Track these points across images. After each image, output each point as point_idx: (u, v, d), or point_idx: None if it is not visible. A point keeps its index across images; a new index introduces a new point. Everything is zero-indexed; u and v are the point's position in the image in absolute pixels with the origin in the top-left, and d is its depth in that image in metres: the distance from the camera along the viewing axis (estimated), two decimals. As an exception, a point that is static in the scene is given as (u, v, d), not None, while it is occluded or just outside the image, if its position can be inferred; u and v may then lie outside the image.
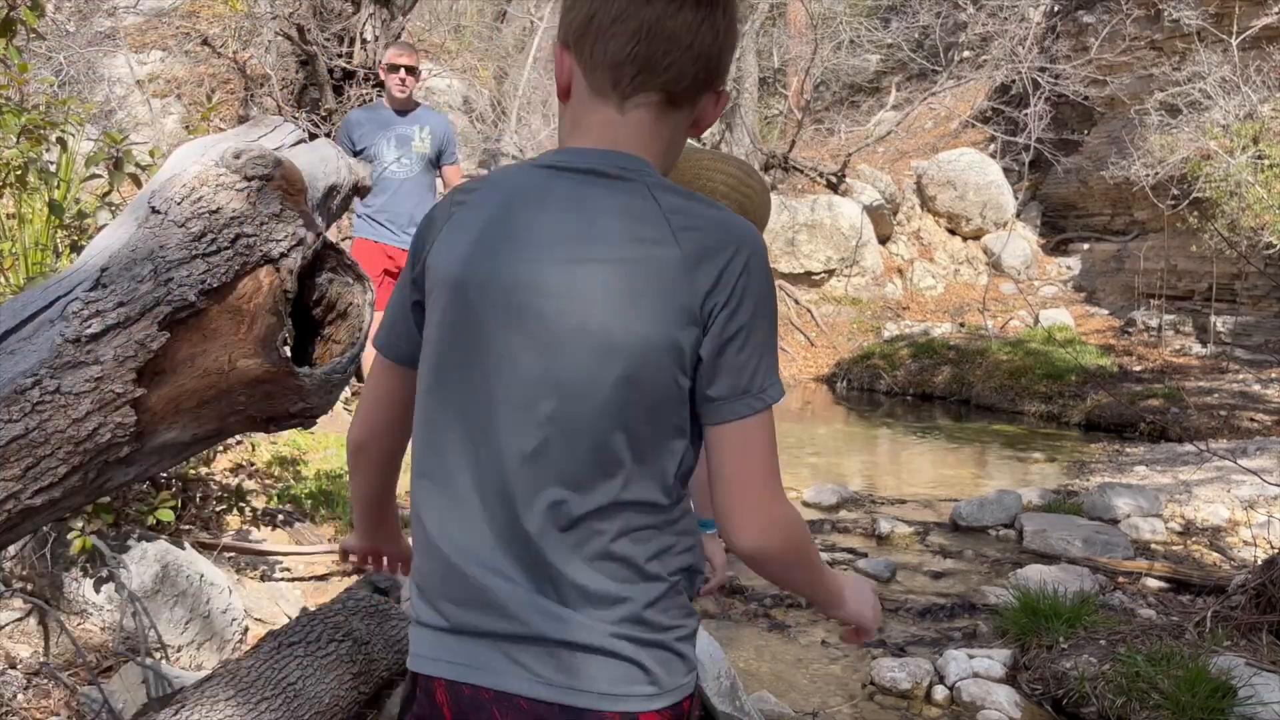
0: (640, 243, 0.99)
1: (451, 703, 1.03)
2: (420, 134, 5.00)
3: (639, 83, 1.03)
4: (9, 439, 1.42)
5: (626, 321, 0.98)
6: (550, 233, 1.02)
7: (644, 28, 1.01)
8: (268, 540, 3.36)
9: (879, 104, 16.07)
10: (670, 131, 1.07)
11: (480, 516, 1.03)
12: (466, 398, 1.04)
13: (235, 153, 1.59)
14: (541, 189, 1.04)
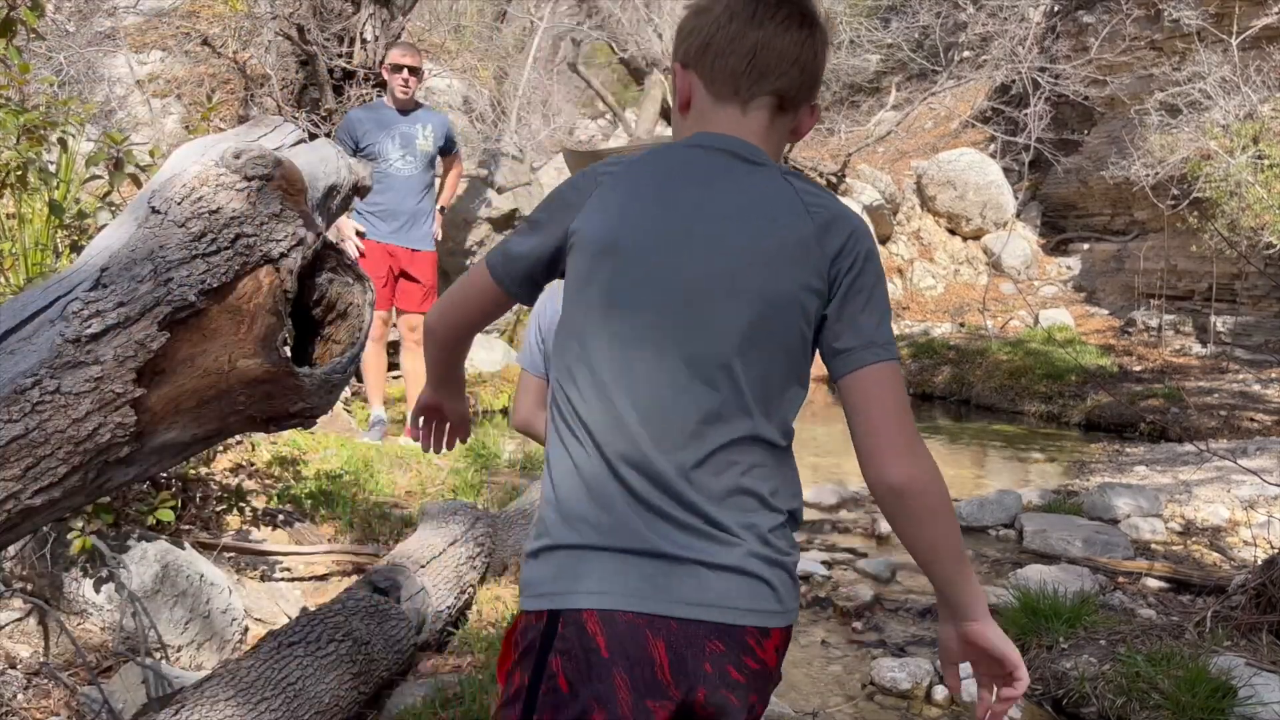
0: (780, 215, 1.17)
1: (606, 631, 1.09)
2: (424, 133, 5.02)
3: (756, 89, 1.22)
4: (9, 439, 1.42)
5: (769, 277, 1.15)
6: (704, 199, 1.18)
7: (758, 45, 1.21)
8: (268, 540, 3.36)
9: (879, 104, 16.07)
10: (778, 134, 1.26)
11: (629, 451, 1.13)
12: (623, 340, 1.15)
13: (235, 153, 1.59)
14: (689, 163, 1.21)
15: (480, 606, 3.14)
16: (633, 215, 1.18)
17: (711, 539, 1.11)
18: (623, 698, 1.08)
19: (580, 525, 1.13)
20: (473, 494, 4.20)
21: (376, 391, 5.21)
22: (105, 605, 2.63)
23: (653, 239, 1.17)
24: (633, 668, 1.08)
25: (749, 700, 1.14)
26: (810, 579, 3.96)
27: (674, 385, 1.14)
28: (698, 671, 1.10)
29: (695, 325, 1.15)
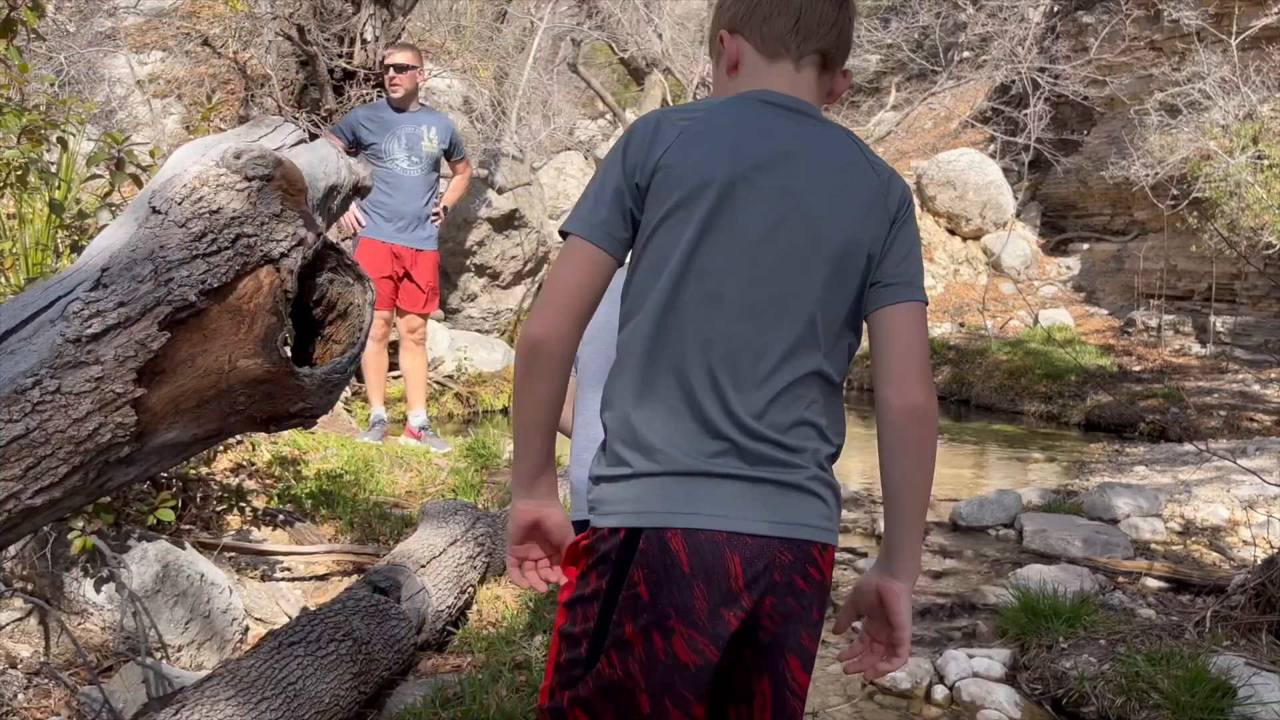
0: (854, 169, 1.28)
1: (688, 548, 1.19)
2: (429, 134, 5.03)
3: (805, 48, 1.31)
4: (9, 439, 1.43)
5: (852, 226, 1.26)
6: (791, 149, 1.26)
7: (803, 8, 1.30)
8: (268, 540, 3.36)
9: (879, 104, 16.07)
10: (822, 92, 1.35)
11: (710, 385, 1.21)
12: (715, 274, 1.22)
13: (236, 153, 1.59)
14: (765, 115, 1.28)
15: (480, 606, 3.14)
16: (727, 156, 1.24)
17: (781, 463, 1.22)
18: (700, 607, 1.19)
19: (659, 456, 1.21)
20: (473, 494, 4.20)
21: (377, 391, 5.21)
22: (106, 605, 2.63)
23: (748, 180, 1.23)
24: (710, 580, 1.19)
25: (811, 611, 1.26)
26: (810, 579, 3.97)
27: (759, 322, 1.23)
28: (769, 581, 1.21)
29: (785, 266, 1.23)
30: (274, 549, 3.30)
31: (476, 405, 7.23)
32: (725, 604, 1.19)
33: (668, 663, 1.20)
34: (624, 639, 1.21)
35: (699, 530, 1.19)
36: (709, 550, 1.19)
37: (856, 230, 1.26)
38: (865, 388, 10.08)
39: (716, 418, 1.21)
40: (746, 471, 1.21)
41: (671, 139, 1.24)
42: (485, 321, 8.53)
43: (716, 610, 1.19)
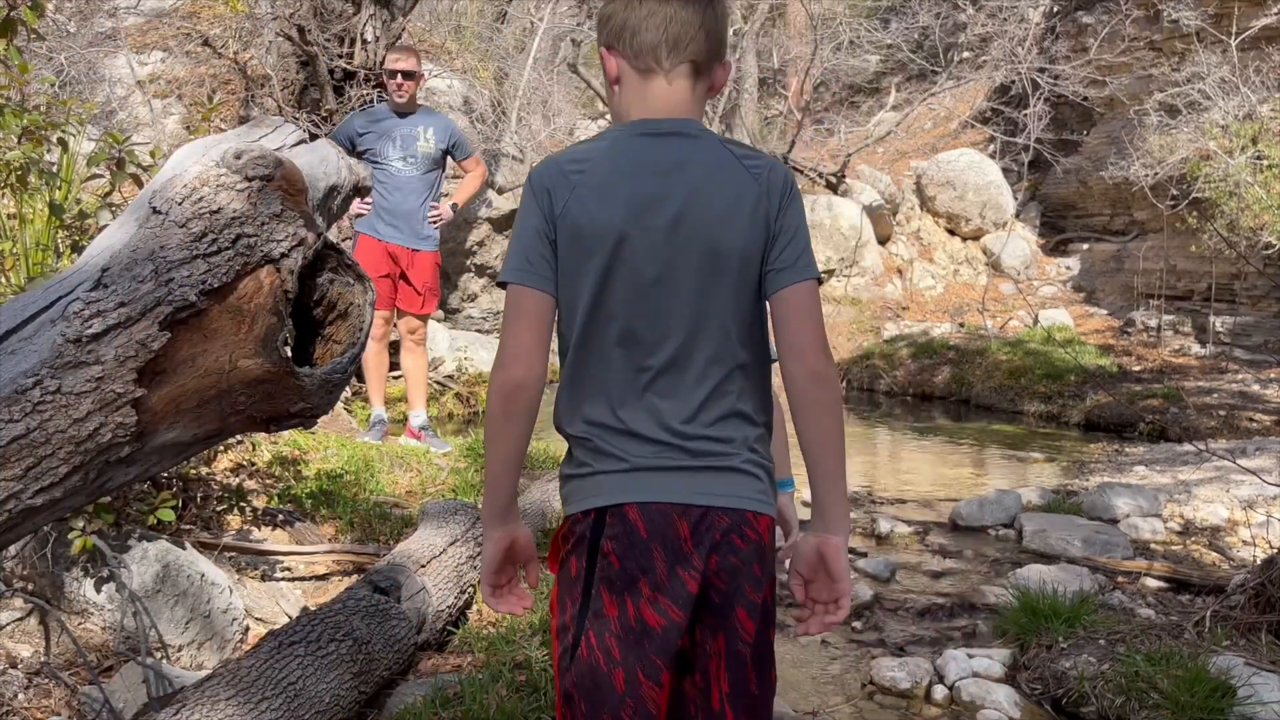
0: (732, 182, 1.41)
1: (644, 518, 1.39)
2: (425, 135, 5.02)
3: (674, 59, 1.42)
4: (10, 439, 1.43)
5: (740, 236, 1.40)
6: (673, 180, 1.40)
7: (667, 19, 1.40)
8: (268, 540, 3.36)
9: (879, 104, 16.07)
10: (700, 95, 1.46)
11: (652, 389, 1.41)
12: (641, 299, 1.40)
13: (236, 153, 1.59)
14: (649, 149, 1.42)
15: (480, 606, 3.14)
16: (619, 206, 1.39)
17: (717, 453, 1.41)
18: (660, 567, 1.38)
19: (612, 460, 1.41)
20: (473, 494, 4.20)
21: (377, 391, 5.21)
22: (106, 605, 2.63)
23: (639, 225, 1.39)
24: (665, 542, 1.38)
25: (752, 566, 1.42)
26: (810, 579, 3.97)
27: (674, 347, 1.40)
28: (712, 540, 1.39)
29: (691, 286, 1.40)
30: (274, 549, 3.30)
31: (477, 405, 7.23)
32: (680, 563, 1.38)
33: (638, 629, 1.38)
34: (602, 612, 1.39)
35: (651, 503, 1.39)
36: (660, 517, 1.39)
37: (745, 240, 1.41)
38: (865, 387, 10.08)
39: (656, 432, 1.41)
40: (688, 463, 1.40)
41: (568, 194, 1.40)
42: (485, 321, 8.54)
43: (674, 569, 1.38)
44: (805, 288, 1.41)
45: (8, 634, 2.56)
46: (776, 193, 1.42)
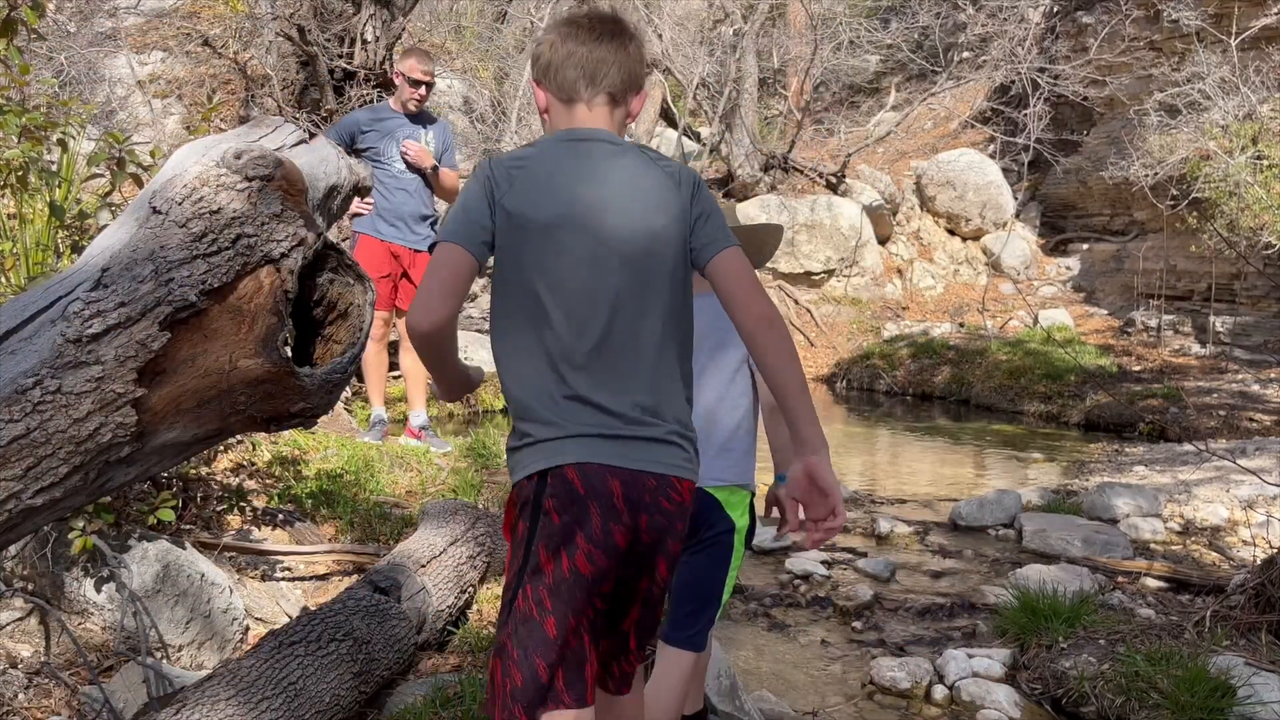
0: (650, 179, 1.63)
1: (581, 477, 1.55)
2: (426, 138, 5.02)
3: (592, 92, 1.67)
4: (10, 439, 1.43)
5: (662, 223, 1.61)
6: (600, 176, 1.61)
7: (584, 59, 1.65)
8: (268, 540, 3.36)
9: (879, 104, 16.07)
10: (619, 120, 1.70)
11: (597, 364, 1.57)
12: (571, 280, 1.57)
13: (236, 153, 1.59)
14: (578, 153, 1.63)
15: (481, 606, 3.14)
16: (565, 196, 1.59)
17: (649, 424, 1.58)
18: (596, 522, 1.55)
19: (552, 428, 1.57)
20: (473, 494, 4.20)
21: (377, 391, 5.21)
22: (106, 605, 2.63)
23: (588, 210, 1.59)
24: (599, 499, 1.54)
25: (675, 524, 1.61)
26: (810, 579, 3.96)
27: (609, 317, 1.58)
28: (640, 500, 1.57)
29: (618, 268, 1.59)
30: (274, 549, 3.30)
31: (477, 405, 7.23)
32: (613, 519, 1.55)
33: (571, 579, 1.55)
34: (539, 568, 1.56)
35: (587, 464, 1.55)
36: (596, 477, 1.55)
37: (670, 223, 1.62)
38: (865, 387, 10.08)
39: (590, 403, 1.57)
40: (621, 431, 1.57)
41: (508, 187, 1.60)
42: (486, 322, 8.53)
43: (608, 525, 1.55)
44: (732, 252, 1.64)
45: (8, 634, 2.56)
46: (688, 186, 1.66)
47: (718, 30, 15.34)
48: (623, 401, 1.57)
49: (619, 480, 1.55)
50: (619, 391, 1.57)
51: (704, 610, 2.15)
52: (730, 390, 2.21)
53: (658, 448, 1.58)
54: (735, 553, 2.18)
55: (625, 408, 1.57)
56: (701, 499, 2.03)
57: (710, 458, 2.05)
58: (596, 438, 1.55)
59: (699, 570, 2.16)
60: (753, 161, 13.02)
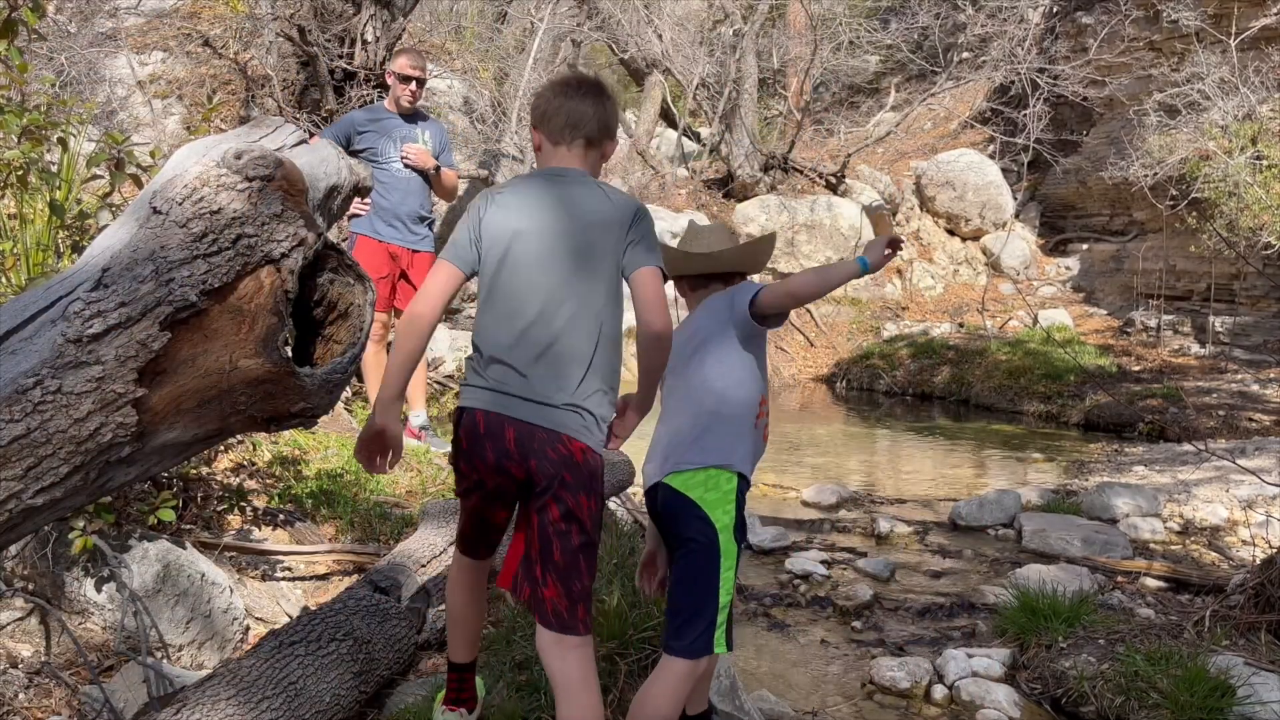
0: (600, 207, 2.09)
1: (484, 421, 2.02)
2: (423, 138, 5.02)
3: (573, 137, 2.15)
4: (11, 439, 1.43)
5: (605, 241, 2.07)
6: (562, 205, 2.08)
7: (570, 111, 2.14)
8: (269, 540, 3.36)
9: (878, 105, 16.08)
10: (593, 161, 2.19)
11: (523, 342, 2.02)
12: (517, 277, 2.05)
13: (236, 153, 1.59)
14: (549, 184, 2.13)
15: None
16: (525, 214, 2.08)
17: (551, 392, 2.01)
18: (489, 457, 2.03)
19: (479, 379, 2.06)
20: (473, 494, 4.20)
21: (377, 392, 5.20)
22: (106, 605, 2.63)
23: (540, 226, 2.06)
24: (495, 441, 2.02)
25: (562, 473, 2.00)
26: (810, 578, 3.97)
27: (555, 302, 2.03)
28: (530, 447, 2.00)
29: (559, 270, 2.04)
30: (275, 549, 3.30)
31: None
32: (504, 458, 2.02)
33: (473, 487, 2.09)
34: (460, 471, 2.11)
35: (491, 412, 2.03)
36: (496, 424, 2.02)
37: (611, 241, 2.06)
38: (864, 387, 10.08)
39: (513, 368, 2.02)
40: (527, 394, 2.01)
41: (489, 209, 2.11)
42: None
43: (499, 459, 2.02)
44: (650, 271, 2.06)
45: (8, 634, 2.56)
46: (630, 213, 2.09)
47: (718, 30, 15.35)
48: (536, 371, 2.01)
49: (514, 429, 2.01)
50: (534, 364, 2.01)
51: (696, 618, 2.13)
52: (712, 384, 2.25)
53: (553, 411, 2.01)
54: (725, 553, 2.14)
55: (536, 377, 2.01)
56: (676, 501, 2.17)
57: (680, 453, 2.19)
58: (506, 395, 2.01)
59: (686, 577, 2.15)
60: (752, 162, 13.03)
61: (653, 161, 13.72)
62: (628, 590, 2.86)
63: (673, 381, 2.31)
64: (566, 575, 2.01)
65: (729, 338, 2.25)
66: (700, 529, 2.15)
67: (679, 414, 2.26)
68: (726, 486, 2.17)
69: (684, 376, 2.29)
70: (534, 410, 2.00)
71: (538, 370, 2.01)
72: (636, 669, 2.53)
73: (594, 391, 2.04)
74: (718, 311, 2.30)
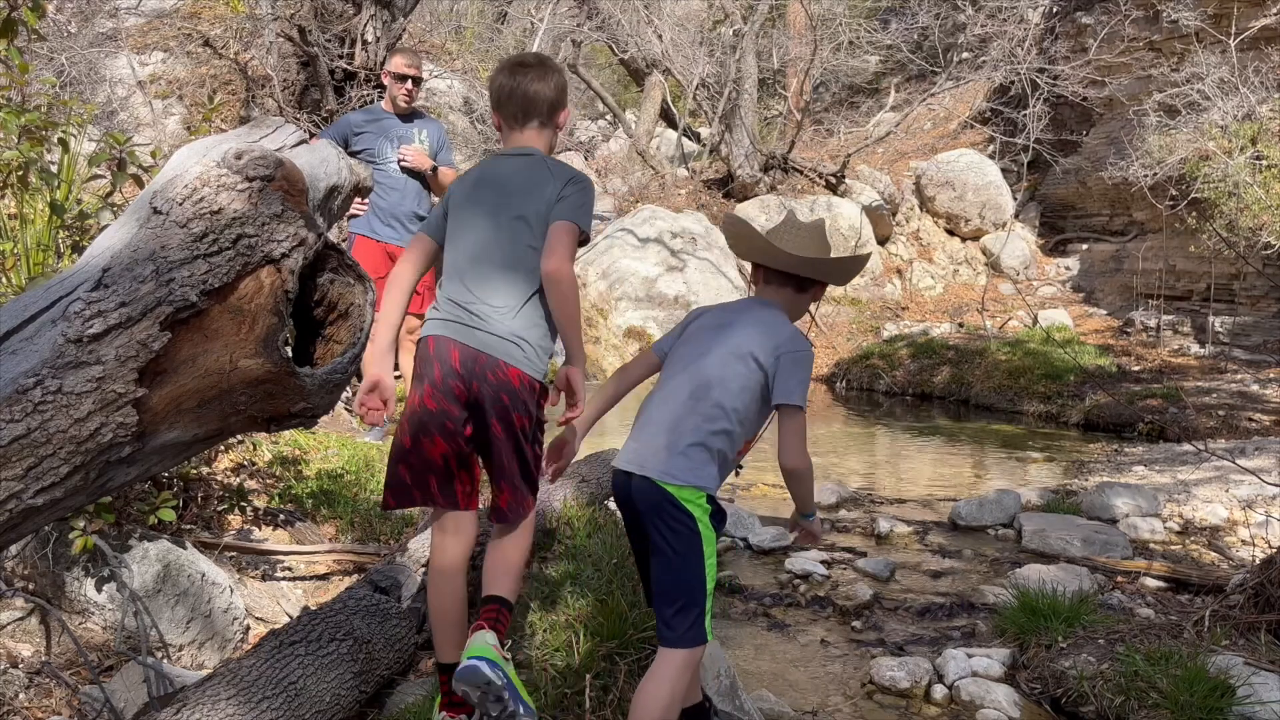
0: (541, 175, 2.40)
1: (434, 345, 2.33)
2: (420, 137, 5.03)
3: (524, 118, 2.48)
4: (11, 439, 1.43)
5: (540, 200, 2.37)
6: (510, 175, 2.43)
7: (519, 94, 2.46)
8: (269, 540, 3.37)
9: (878, 105, 16.09)
10: (547, 138, 2.51)
11: (476, 275, 2.35)
12: (473, 238, 2.39)
13: (237, 154, 1.59)
14: (503, 160, 2.48)
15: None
16: (480, 184, 2.45)
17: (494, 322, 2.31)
18: (437, 375, 2.31)
19: (435, 311, 2.36)
20: (473, 494, 4.20)
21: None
22: (107, 604, 2.63)
23: (488, 194, 2.42)
24: (442, 362, 2.31)
25: (500, 395, 2.29)
26: (810, 578, 3.97)
27: (495, 251, 2.35)
28: (473, 368, 2.28)
29: (500, 227, 2.37)
30: (275, 548, 3.31)
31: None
32: (450, 376, 2.29)
33: (421, 411, 2.32)
34: (410, 401, 2.37)
35: (440, 337, 2.33)
36: (443, 347, 2.32)
37: (538, 203, 2.36)
38: (864, 387, 10.08)
39: (462, 304, 2.33)
40: (474, 324, 2.31)
41: (457, 185, 2.48)
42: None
43: (446, 378, 2.29)
44: (564, 225, 2.33)
45: (9, 633, 2.56)
46: (563, 180, 2.39)
47: (717, 31, 15.35)
48: (479, 306, 2.31)
49: (458, 351, 2.29)
50: (478, 300, 2.32)
51: (686, 609, 2.13)
52: (700, 405, 2.22)
53: (494, 340, 2.30)
54: (706, 540, 2.15)
55: (479, 310, 2.31)
56: (657, 492, 2.18)
57: (666, 456, 2.18)
58: (454, 323, 2.32)
59: (672, 566, 2.15)
60: (752, 162, 13.03)
61: (653, 161, 13.72)
62: (627, 590, 2.86)
63: (691, 357, 2.28)
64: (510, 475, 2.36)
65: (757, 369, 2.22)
66: (681, 517, 2.15)
67: (685, 409, 2.22)
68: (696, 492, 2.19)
69: (702, 366, 2.25)
70: (478, 338, 2.30)
71: (481, 304, 2.32)
72: (636, 669, 2.53)
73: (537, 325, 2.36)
74: (771, 330, 2.27)
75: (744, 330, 2.27)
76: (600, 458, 4.02)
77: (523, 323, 2.32)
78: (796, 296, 2.36)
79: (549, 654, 2.62)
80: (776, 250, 2.32)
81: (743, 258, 2.50)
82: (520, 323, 2.31)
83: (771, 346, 2.21)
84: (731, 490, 5.31)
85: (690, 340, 2.33)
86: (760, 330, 2.25)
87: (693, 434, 2.19)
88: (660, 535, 2.17)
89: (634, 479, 2.20)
